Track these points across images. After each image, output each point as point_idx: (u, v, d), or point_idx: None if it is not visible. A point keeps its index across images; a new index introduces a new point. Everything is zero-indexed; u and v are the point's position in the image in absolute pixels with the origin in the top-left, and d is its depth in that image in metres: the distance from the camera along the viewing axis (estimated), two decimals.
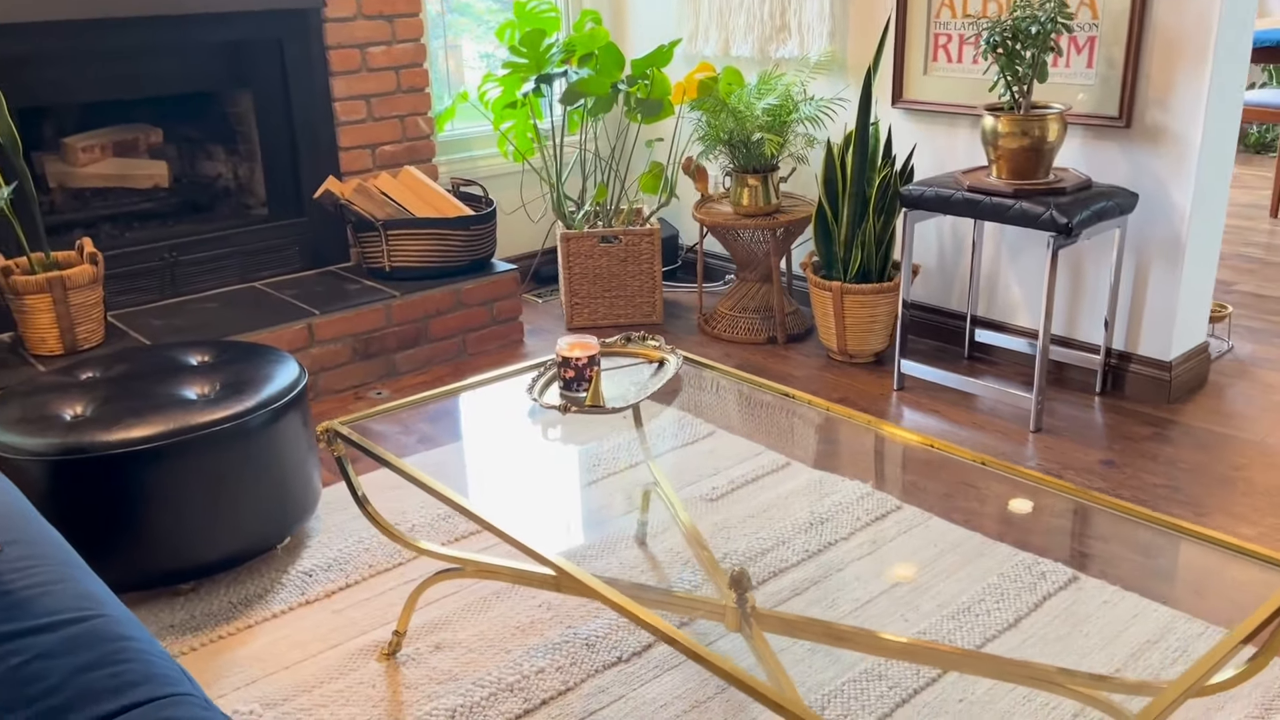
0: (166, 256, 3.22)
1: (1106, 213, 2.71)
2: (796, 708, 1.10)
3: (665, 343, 2.12)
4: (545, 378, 2.00)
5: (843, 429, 2.92)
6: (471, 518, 1.54)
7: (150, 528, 2.05)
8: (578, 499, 2.51)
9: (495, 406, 1.99)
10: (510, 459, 2.28)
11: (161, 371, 2.29)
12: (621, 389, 1.97)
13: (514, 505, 2.39)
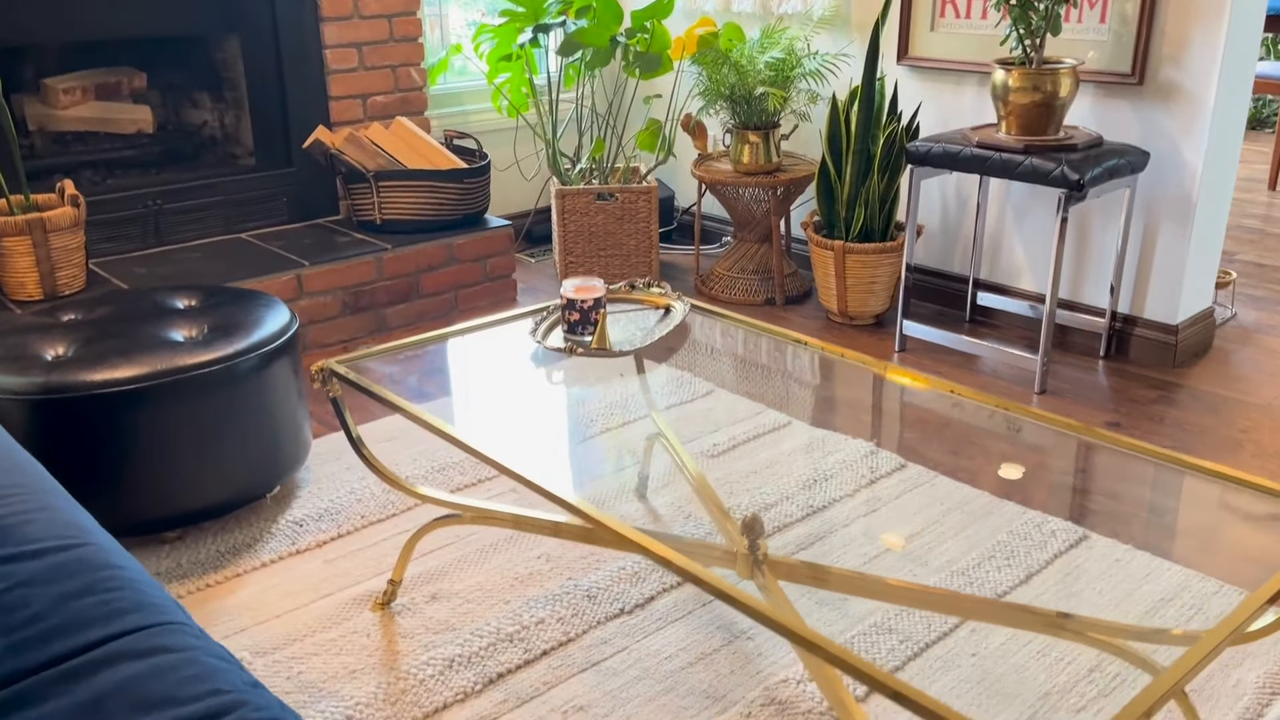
0: (150, 204, 3.12)
1: (1118, 170, 2.66)
2: (832, 646, 1.04)
3: (671, 289, 2.05)
4: (548, 321, 1.93)
5: (845, 389, 2.86)
6: (480, 458, 1.47)
7: (136, 472, 1.98)
8: (577, 451, 2.44)
9: (496, 351, 1.92)
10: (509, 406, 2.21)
11: (147, 314, 2.21)
12: (627, 334, 1.90)
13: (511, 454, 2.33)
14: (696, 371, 2.82)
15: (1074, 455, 2.48)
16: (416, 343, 1.88)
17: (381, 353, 1.83)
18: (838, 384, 2.89)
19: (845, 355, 1.82)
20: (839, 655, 1.02)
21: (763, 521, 1.61)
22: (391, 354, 1.84)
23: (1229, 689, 1.67)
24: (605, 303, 1.86)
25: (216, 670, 0.98)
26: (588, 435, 2.49)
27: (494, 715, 1.62)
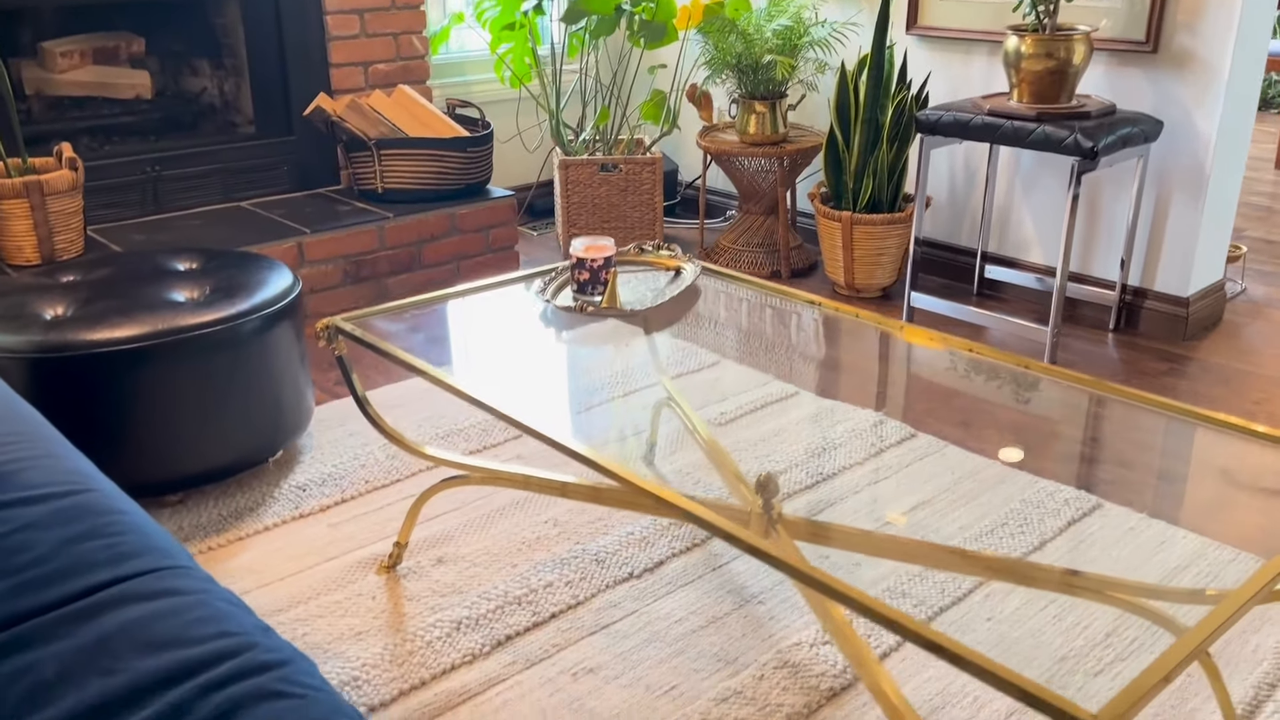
0: (149, 170, 3.08)
1: (1131, 139, 2.62)
2: (865, 597, 1.02)
3: (681, 251, 2.02)
4: (557, 281, 1.90)
5: (853, 360, 2.83)
6: (498, 415, 1.44)
7: (137, 434, 1.94)
8: (584, 416, 2.41)
9: (503, 311, 1.88)
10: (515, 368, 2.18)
11: (147, 276, 2.17)
12: (637, 295, 1.87)
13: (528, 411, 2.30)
14: (704, 339, 2.79)
15: (1085, 424, 2.46)
16: (423, 301, 1.84)
17: (387, 311, 1.79)
18: (846, 354, 2.86)
19: (860, 315, 1.79)
20: (873, 606, 0.99)
21: (777, 481, 1.59)
22: (397, 313, 1.81)
23: (1248, 654, 1.64)
24: (615, 262, 1.82)
25: (225, 613, 0.95)
26: (595, 399, 2.46)
27: (502, 676, 1.59)
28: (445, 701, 1.54)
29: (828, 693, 1.56)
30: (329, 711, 0.82)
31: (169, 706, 0.81)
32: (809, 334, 2.94)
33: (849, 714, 1.52)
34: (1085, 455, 2.31)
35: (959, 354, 2.57)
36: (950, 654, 0.94)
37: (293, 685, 0.85)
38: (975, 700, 1.55)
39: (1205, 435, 2.38)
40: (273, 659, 0.88)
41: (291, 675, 0.86)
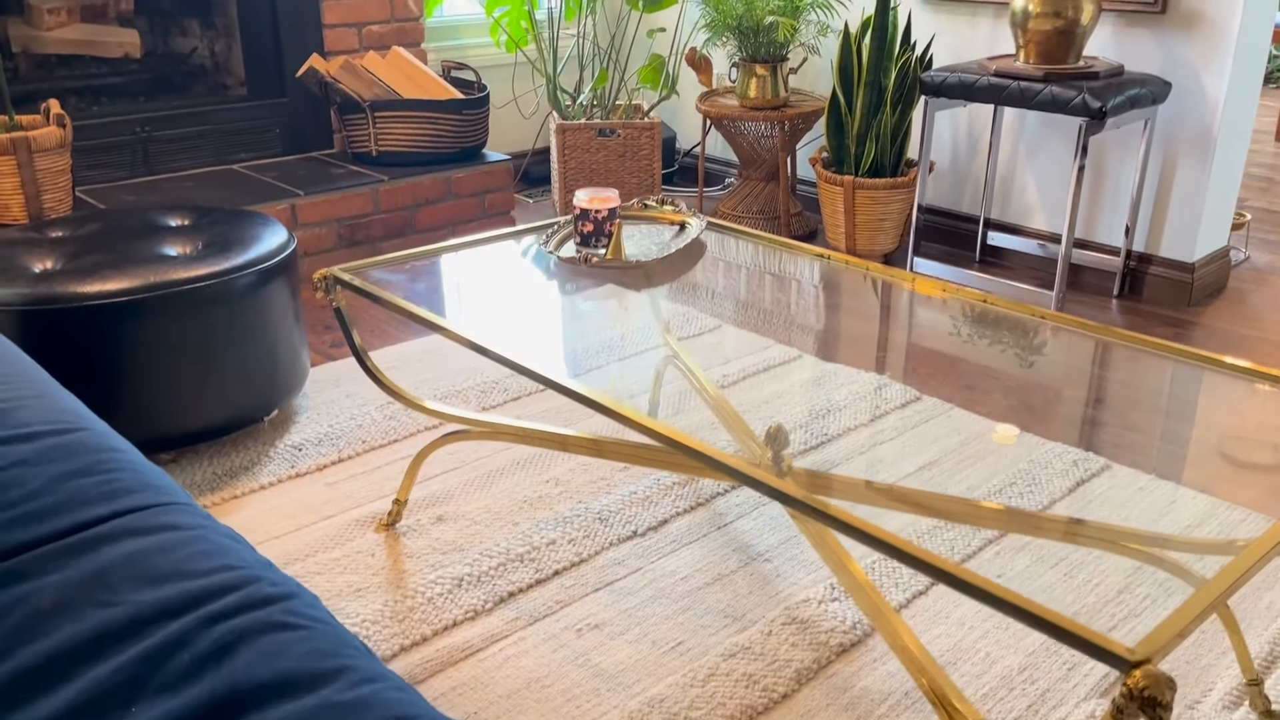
0: (138, 131, 3.02)
1: (1139, 100, 2.59)
2: (898, 541, 0.98)
3: (686, 206, 1.98)
4: (561, 234, 1.85)
5: (856, 324, 2.80)
6: (504, 361, 1.40)
7: (128, 390, 1.90)
8: (583, 379, 2.37)
9: (505, 265, 1.84)
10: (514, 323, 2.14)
11: (138, 231, 2.12)
12: (642, 249, 1.83)
13: (538, 359, 2.27)
14: (705, 301, 2.76)
15: (1091, 387, 2.43)
16: (423, 253, 1.80)
17: (386, 263, 1.75)
18: (850, 318, 2.82)
19: (870, 269, 1.76)
20: (905, 548, 0.96)
21: (787, 433, 1.55)
22: (397, 264, 1.76)
23: (1261, 610, 1.62)
24: (620, 213, 1.78)
25: (226, 548, 0.91)
26: (596, 360, 2.42)
27: (506, 632, 1.56)
28: (447, 657, 1.51)
29: (837, 648, 1.53)
30: (335, 643, 0.79)
31: (170, 637, 0.77)
32: (812, 297, 2.90)
33: (859, 669, 1.49)
34: (1092, 418, 2.29)
35: (962, 318, 2.54)
36: (984, 593, 0.91)
37: (298, 617, 0.81)
38: (987, 656, 1.52)
39: (1214, 396, 2.36)
40: (277, 592, 0.84)
41: (296, 608, 0.82)
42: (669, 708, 1.42)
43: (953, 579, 0.92)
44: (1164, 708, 0.81)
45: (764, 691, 1.45)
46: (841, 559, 1.35)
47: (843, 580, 1.35)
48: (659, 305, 2.28)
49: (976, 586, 0.91)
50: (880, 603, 1.25)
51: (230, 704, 0.71)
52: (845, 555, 1.34)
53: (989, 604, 0.90)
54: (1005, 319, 2.02)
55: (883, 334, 2.75)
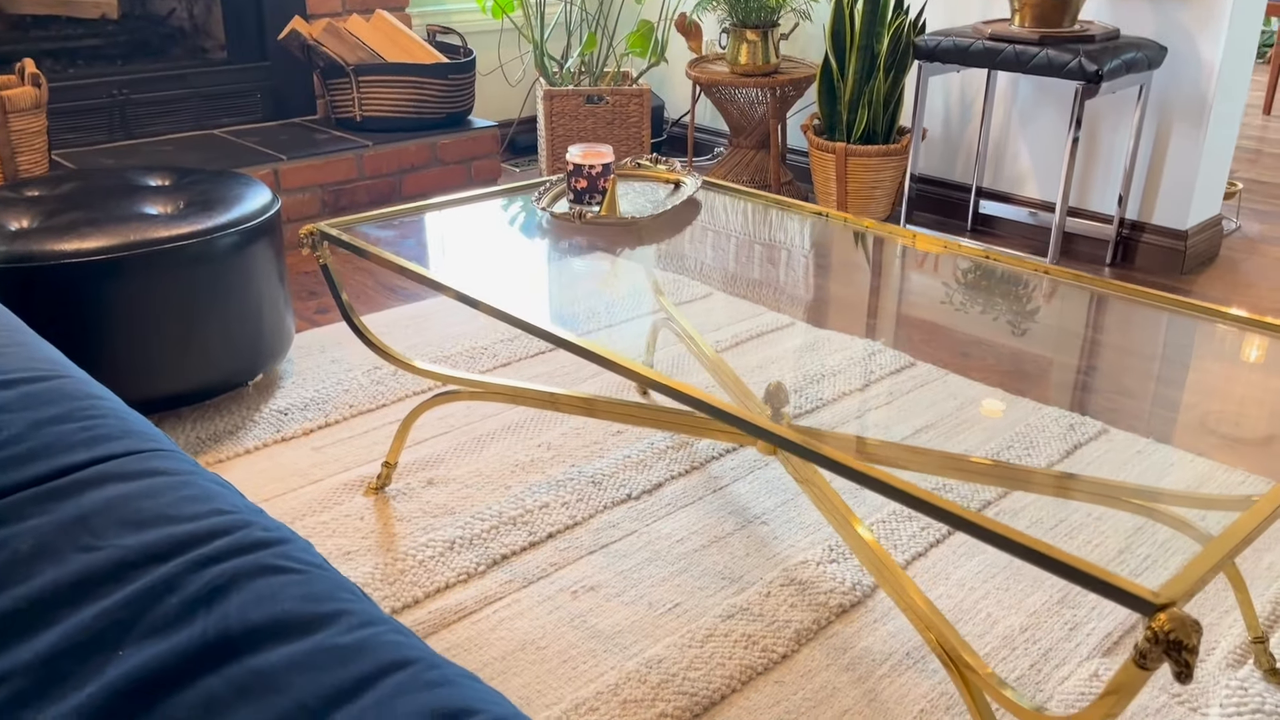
0: (116, 94, 2.95)
1: (1135, 64, 2.56)
2: (916, 490, 0.95)
3: (680, 164, 1.94)
4: (553, 190, 1.81)
5: (849, 292, 2.77)
6: (504, 318, 1.36)
7: (107, 351, 1.85)
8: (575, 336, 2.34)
9: (496, 223, 1.80)
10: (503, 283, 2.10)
11: (118, 190, 2.06)
12: (636, 206, 1.79)
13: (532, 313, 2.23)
14: (700, 263, 2.72)
15: (1086, 353, 2.41)
16: (411, 209, 1.76)
17: (374, 218, 1.71)
18: (843, 285, 2.79)
19: (869, 227, 1.73)
20: (925, 498, 0.93)
21: (786, 390, 1.52)
22: (385, 221, 1.72)
23: (1262, 570, 1.61)
24: (614, 169, 1.74)
25: (215, 493, 0.87)
26: (588, 320, 2.38)
27: (499, 595, 1.53)
28: (440, 619, 1.48)
29: (837, 609, 1.51)
30: (332, 587, 0.75)
31: (157, 581, 0.73)
32: (807, 260, 2.87)
33: (859, 630, 1.47)
34: (1087, 384, 2.27)
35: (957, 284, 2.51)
36: (1007, 541, 0.88)
37: (292, 561, 0.77)
38: (988, 617, 1.50)
39: (1211, 363, 2.34)
40: (270, 537, 0.80)
41: (290, 552, 0.79)
42: (667, 668, 1.39)
43: (974, 527, 0.89)
44: (1189, 651, 0.78)
45: (763, 652, 1.42)
46: (845, 517, 1.32)
47: (846, 538, 1.32)
48: (652, 266, 2.24)
49: (999, 535, 0.88)
50: (886, 559, 1.22)
51: (223, 647, 0.67)
52: (849, 513, 1.31)
53: (1012, 552, 0.87)
54: (1001, 282, 1.99)
55: (875, 302, 2.72)
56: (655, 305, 2.20)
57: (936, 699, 1.35)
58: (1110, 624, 1.49)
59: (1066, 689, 1.37)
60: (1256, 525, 0.89)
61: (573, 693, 1.35)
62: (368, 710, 0.63)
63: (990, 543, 0.88)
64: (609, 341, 2.29)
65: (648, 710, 1.32)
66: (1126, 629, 1.49)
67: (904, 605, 1.18)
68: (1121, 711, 1.02)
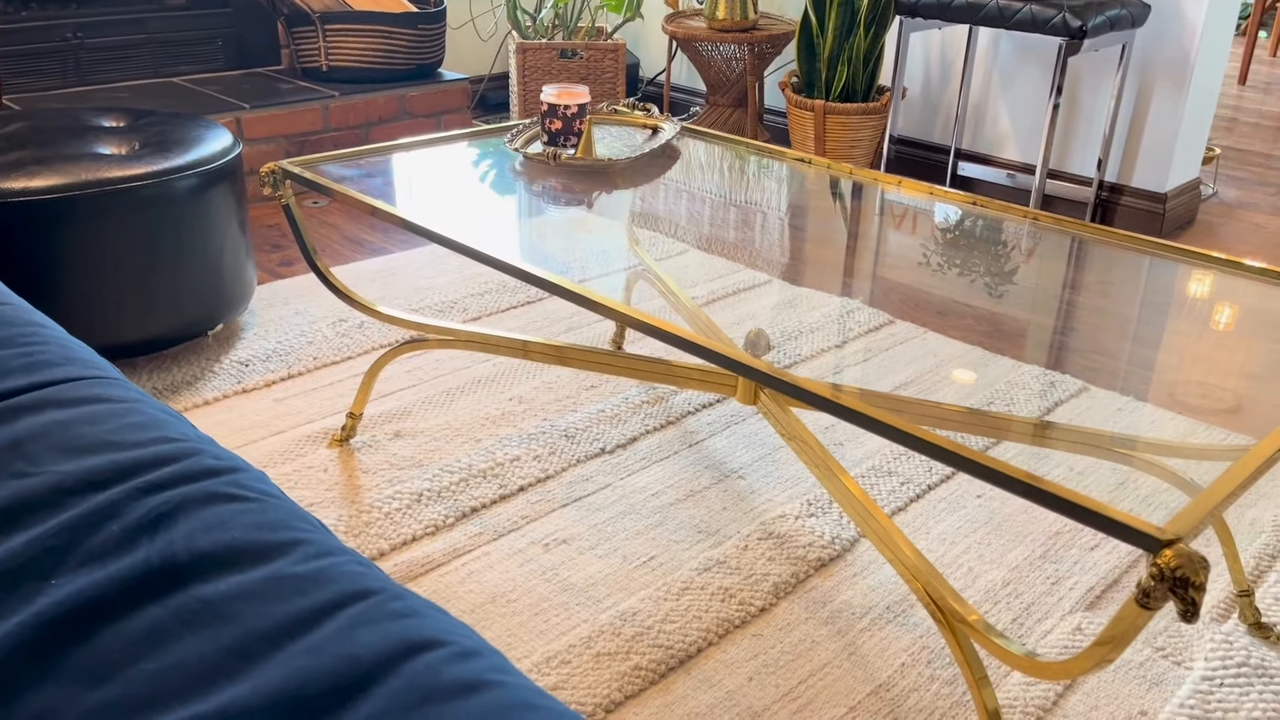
0: (69, 37, 2.84)
1: (1118, 22, 2.52)
2: (911, 427, 0.91)
3: (659, 110, 1.88)
4: (527, 132, 1.75)
5: (828, 252, 2.72)
6: (471, 253, 1.30)
7: (58, 297, 1.77)
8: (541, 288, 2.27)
9: (466, 167, 1.74)
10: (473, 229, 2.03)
11: (69, 131, 1.97)
12: (613, 151, 1.73)
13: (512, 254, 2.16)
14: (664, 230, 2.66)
15: (1064, 313, 2.38)
16: (378, 149, 1.69)
17: (338, 158, 1.64)
18: (821, 243, 2.74)
19: (852, 173, 1.68)
20: (925, 437, 0.89)
21: (768, 337, 1.47)
22: (349, 161, 1.65)
23: (1245, 527, 1.59)
24: (591, 110, 1.68)
25: (163, 420, 0.81)
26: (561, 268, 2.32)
27: (469, 547, 1.48)
28: (407, 572, 1.43)
29: (816, 563, 1.47)
30: (288, 516, 0.70)
31: (96, 508, 0.67)
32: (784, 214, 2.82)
33: (839, 583, 1.43)
34: (1067, 344, 2.24)
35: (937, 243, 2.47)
36: (1006, 478, 0.84)
37: (244, 490, 0.72)
38: (970, 571, 1.47)
39: (1193, 320, 2.32)
40: (221, 465, 0.75)
41: (242, 480, 0.73)
42: (642, 620, 1.34)
43: (978, 467, 0.85)
44: (1197, 588, 0.74)
45: (741, 605, 1.38)
46: (830, 467, 1.28)
47: (831, 489, 1.28)
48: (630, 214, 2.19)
49: (1002, 474, 0.84)
50: (873, 508, 1.18)
51: (167, 575, 0.61)
52: (834, 464, 1.27)
53: (1016, 491, 0.83)
54: (982, 240, 1.95)
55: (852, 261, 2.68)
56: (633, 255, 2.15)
57: (918, 652, 1.31)
58: (1092, 578, 1.47)
59: (1050, 642, 1.34)
60: (1255, 469, 0.85)
61: (545, 645, 1.30)
62: (328, 640, 0.57)
63: (994, 482, 0.84)
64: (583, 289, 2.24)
65: (622, 663, 1.28)
66: (1109, 583, 1.46)
67: (890, 555, 1.14)
68: (1117, 657, 0.99)
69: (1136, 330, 2.27)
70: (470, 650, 0.59)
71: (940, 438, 0.88)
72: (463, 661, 0.57)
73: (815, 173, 1.74)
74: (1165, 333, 2.28)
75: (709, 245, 2.53)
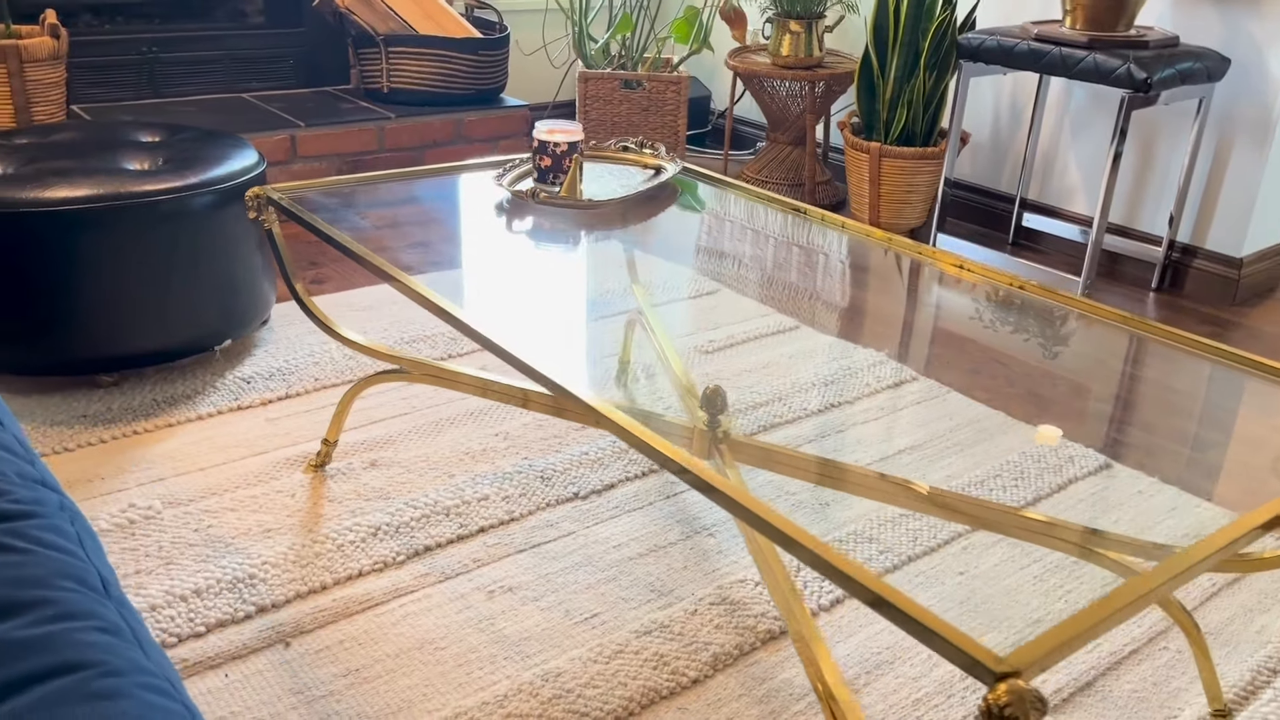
0: (145, 51, 2.95)
1: (1192, 75, 2.37)
2: (788, 525, 0.85)
3: (666, 151, 1.84)
4: (520, 169, 1.73)
5: (861, 296, 2.63)
6: (428, 306, 1.28)
7: (72, 306, 1.82)
8: (540, 327, 2.25)
9: (464, 199, 1.72)
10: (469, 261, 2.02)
11: (105, 144, 2.04)
12: (608, 190, 1.69)
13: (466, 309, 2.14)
14: (698, 268, 2.61)
15: (1109, 380, 2.24)
16: (372, 178, 1.69)
17: (330, 185, 1.64)
18: (854, 287, 2.65)
19: (872, 235, 1.60)
20: (793, 535, 0.82)
21: (725, 395, 1.41)
22: (340, 189, 1.65)
23: (1251, 635, 1.45)
24: (582, 149, 1.65)
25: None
26: (555, 307, 2.29)
27: (411, 588, 1.45)
28: (343, 609, 1.41)
29: (765, 634, 1.40)
30: (51, 574, 0.68)
31: None
32: (819, 263, 2.74)
33: (783, 660, 1.36)
34: (1104, 413, 2.10)
35: (980, 298, 2.35)
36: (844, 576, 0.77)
37: (21, 540, 0.70)
38: (928, 659, 1.38)
39: (1248, 402, 2.16)
40: (16, 509, 0.73)
41: (26, 529, 0.71)
42: (564, 683, 1.30)
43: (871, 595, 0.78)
44: None
45: (672, 674, 1.32)
46: (766, 554, 1.21)
47: (764, 573, 1.21)
48: (633, 255, 2.14)
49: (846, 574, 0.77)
50: (796, 604, 1.10)
51: None
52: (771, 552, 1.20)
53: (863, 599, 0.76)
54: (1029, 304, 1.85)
55: (890, 309, 2.58)
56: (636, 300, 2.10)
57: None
58: (1063, 679, 1.35)
59: None
60: (1144, 593, 0.76)
61: (457, 700, 1.26)
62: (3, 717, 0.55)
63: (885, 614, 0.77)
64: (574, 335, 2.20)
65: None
66: (1079, 686, 1.35)
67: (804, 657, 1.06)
68: None
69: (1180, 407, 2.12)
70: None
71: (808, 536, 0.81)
72: None
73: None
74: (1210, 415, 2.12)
75: (730, 296, 2.48)
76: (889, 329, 2.43)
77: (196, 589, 1.42)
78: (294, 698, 1.26)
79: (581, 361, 2.12)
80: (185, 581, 1.43)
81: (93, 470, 1.68)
